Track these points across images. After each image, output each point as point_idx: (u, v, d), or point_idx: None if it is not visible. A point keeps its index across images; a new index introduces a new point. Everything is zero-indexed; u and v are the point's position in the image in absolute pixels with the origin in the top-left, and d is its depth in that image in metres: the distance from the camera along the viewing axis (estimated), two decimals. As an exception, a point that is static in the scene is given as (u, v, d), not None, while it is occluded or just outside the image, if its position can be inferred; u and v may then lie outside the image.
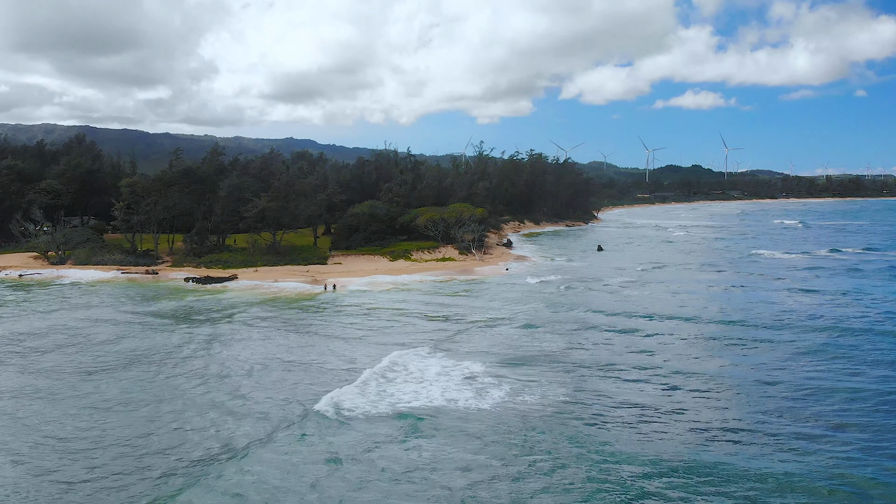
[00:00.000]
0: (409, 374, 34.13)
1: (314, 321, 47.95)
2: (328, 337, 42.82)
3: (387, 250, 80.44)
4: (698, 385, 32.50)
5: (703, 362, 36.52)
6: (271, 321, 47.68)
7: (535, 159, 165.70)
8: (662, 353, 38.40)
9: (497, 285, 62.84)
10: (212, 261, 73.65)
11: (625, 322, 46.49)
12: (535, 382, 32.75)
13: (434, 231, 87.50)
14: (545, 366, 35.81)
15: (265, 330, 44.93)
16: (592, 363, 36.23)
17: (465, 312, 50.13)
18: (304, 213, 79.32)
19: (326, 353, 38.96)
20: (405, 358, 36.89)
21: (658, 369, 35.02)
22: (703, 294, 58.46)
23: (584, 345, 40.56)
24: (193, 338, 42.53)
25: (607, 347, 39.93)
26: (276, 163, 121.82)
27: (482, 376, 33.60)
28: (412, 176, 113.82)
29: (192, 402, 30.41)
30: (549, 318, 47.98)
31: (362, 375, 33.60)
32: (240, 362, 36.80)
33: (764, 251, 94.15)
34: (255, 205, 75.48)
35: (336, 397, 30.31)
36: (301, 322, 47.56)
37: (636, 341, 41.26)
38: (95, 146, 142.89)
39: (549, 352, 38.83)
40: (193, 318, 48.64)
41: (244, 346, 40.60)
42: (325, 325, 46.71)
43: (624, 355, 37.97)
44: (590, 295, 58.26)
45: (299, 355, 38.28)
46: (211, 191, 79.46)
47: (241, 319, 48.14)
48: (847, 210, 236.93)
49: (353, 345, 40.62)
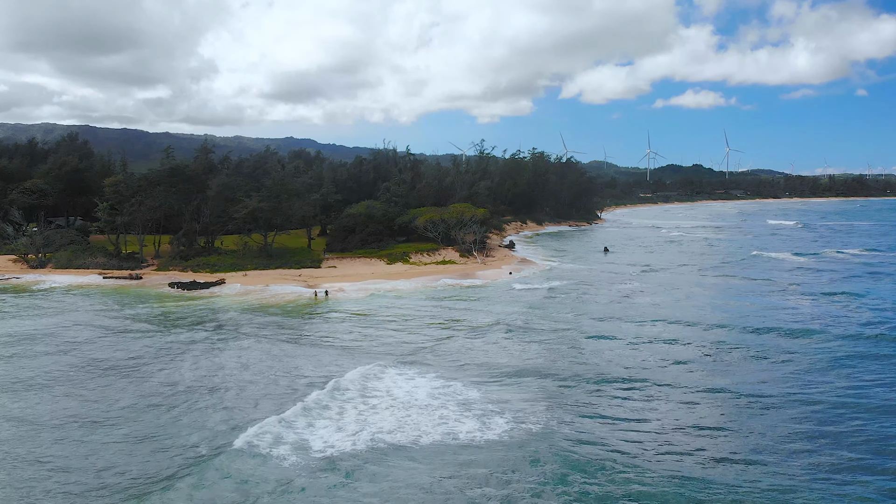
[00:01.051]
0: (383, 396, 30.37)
1: (295, 332, 44.16)
2: (306, 346, 39.07)
3: (384, 253, 76.67)
4: (728, 405, 28.80)
5: (734, 376, 32.79)
6: (247, 332, 43.82)
7: (538, 158, 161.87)
8: (689, 369, 34.68)
9: (500, 291, 59.03)
10: (199, 264, 69.87)
11: (641, 331, 42.73)
12: (538, 410, 29.00)
13: (434, 232, 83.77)
14: (554, 390, 32.05)
15: (237, 341, 41.14)
16: (608, 379, 32.49)
17: (464, 321, 46.35)
18: (298, 214, 75.53)
19: (289, 369, 35.09)
20: (373, 377, 33.04)
21: (686, 387, 31.31)
22: (722, 301, 54.71)
23: (597, 362, 36.80)
24: (149, 351, 38.81)
25: (628, 363, 36.14)
26: (270, 161, 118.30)
27: (479, 402, 29.78)
28: (411, 175, 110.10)
29: (96, 438, 25.98)
30: (562, 330, 44.20)
31: (297, 405, 28.90)
32: (200, 376, 33.18)
33: (774, 253, 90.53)
34: (245, 205, 71.71)
35: (260, 432, 25.83)
36: (282, 332, 43.77)
37: (659, 354, 37.49)
38: (88, 144, 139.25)
39: (563, 375, 35.07)
40: (163, 328, 44.88)
41: (207, 358, 37.01)
42: (302, 336, 42.93)
43: (654, 370, 34.23)
44: (600, 302, 54.46)
45: (256, 372, 34.50)
46: (200, 190, 75.71)
47: (215, 330, 44.37)
48: (852, 210, 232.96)
49: (328, 358, 36.85)
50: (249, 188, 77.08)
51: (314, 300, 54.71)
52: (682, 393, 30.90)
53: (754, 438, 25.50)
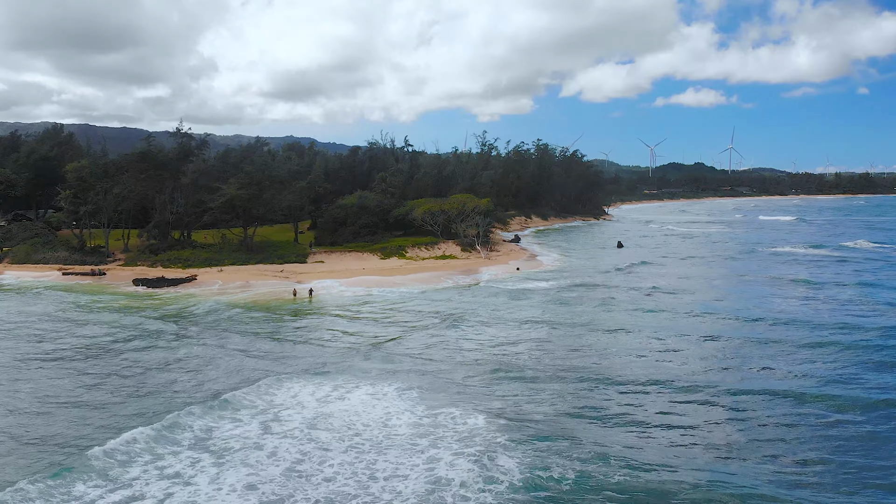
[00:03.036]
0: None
1: (254, 340, 36.87)
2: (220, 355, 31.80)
3: (378, 247, 69.32)
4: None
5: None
6: (192, 339, 36.54)
7: (542, 150, 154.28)
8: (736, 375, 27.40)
9: (509, 291, 51.63)
10: (170, 259, 62.50)
11: (680, 344, 35.44)
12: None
13: (433, 225, 76.49)
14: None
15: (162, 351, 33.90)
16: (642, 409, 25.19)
17: (467, 333, 39.04)
18: (281, 204, 68.12)
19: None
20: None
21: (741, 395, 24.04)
22: (751, 299, 47.42)
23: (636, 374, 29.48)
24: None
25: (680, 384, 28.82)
26: (260, 151, 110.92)
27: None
28: (409, 164, 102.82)
29: None
30: (586, 347, 36.88)
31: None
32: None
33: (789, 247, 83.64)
34: (222, 193, 64.36)
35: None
36: (239, 337, 36.47)
37: (706, 369, 30.20)
38: (74, 138, 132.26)
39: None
40: (90, 335, 37.58)
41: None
42: (249, 349, 35.65)
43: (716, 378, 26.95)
44: (626, 304, 47.09)
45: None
46: (174, 178, 68.36)
47: (150, 339, 37.05)
48: (858, 207, 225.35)
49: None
50: (228, 175, 69.74)
51: (294, 299, 47.34)
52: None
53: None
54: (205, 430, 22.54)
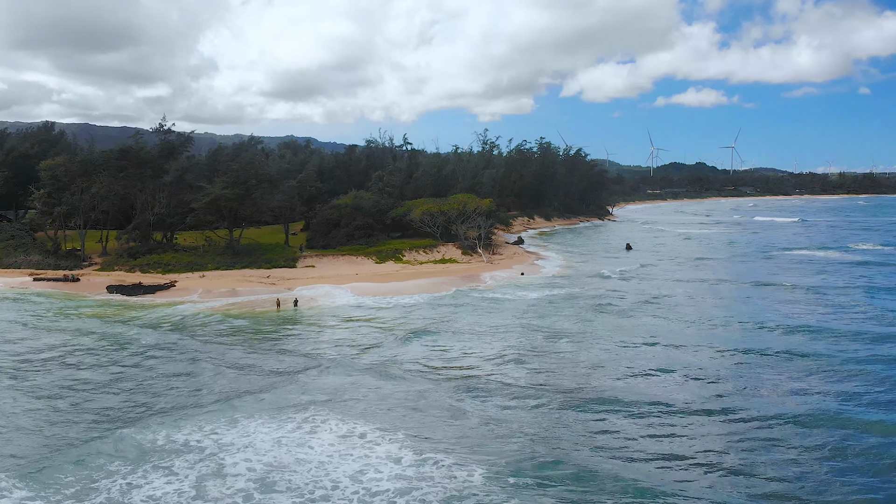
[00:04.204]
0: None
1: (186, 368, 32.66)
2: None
3: (373, 250, 65.05)
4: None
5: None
6: (134, 359, 32.35)
7: (545, 148, 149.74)
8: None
9: (513, 300, 47.37)
10: (150, 263, 58.27)
11: (720, 364, 31.27)
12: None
13: (432, 226, 72.26)
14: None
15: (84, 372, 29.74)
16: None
17: (467, 349, 34.82)
18: (270, 205, 63.86)
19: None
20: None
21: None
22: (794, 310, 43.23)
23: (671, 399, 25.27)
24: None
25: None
26: (252, 149, 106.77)
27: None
28: (407, 163, 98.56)
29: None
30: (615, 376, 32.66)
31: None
32: None
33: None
34: (206, 192, 60.16)
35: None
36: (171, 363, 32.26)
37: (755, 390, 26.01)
38: (64, 136, 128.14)
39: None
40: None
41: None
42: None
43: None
44: (641, 315, 42.88)
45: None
46: (156, 176, 64.14)
47: (102, 354, 32.90)
48: (858, 207, 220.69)
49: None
50: (213, 173, 65.56)
51: (277, 310, 43.06)
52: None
53: None
54: (123, 490, 18.23)
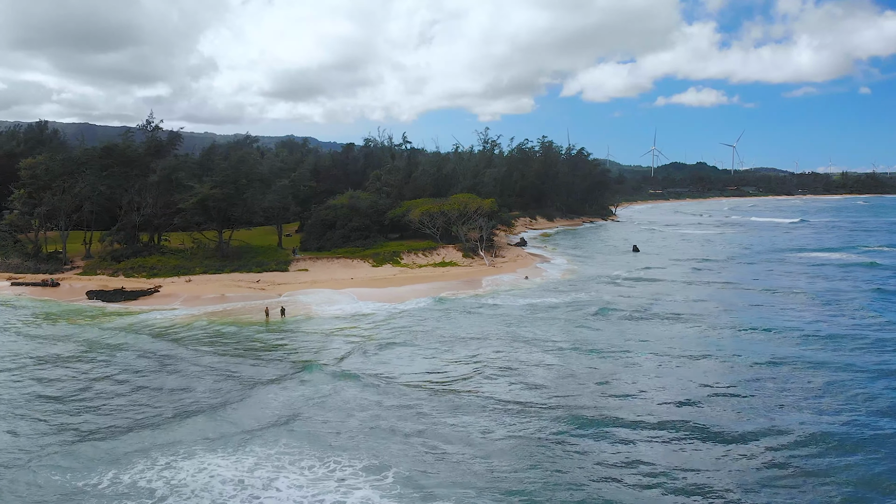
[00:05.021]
0: None
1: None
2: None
3: (369, 252, 62.07)
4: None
5: None
6: (90, 375, 29.38)
7: (547, 147, 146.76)
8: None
9: (518, 308, 44.37)
10: (134, 267, 55.29)
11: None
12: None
13: (431, 228, 69.30)
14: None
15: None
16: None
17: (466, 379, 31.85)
18: (262, 205, 60.85)
19: None
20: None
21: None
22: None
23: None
24: None
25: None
26: (247, 148, 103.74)
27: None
28: (406, 162, 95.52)
29: None
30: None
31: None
32: None
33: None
34: (194, 192, 57.16)
35: None
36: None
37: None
38: (58, 135, 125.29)
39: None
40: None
41: None
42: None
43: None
44: (656, 324, 39.91)
45: None
46: (142, 175, 61.15)
47: (60, 367, 29.95)
48: (859, 207, 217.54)
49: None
50: (206, 173, 62.52)
51: (266, 321, 40.01)
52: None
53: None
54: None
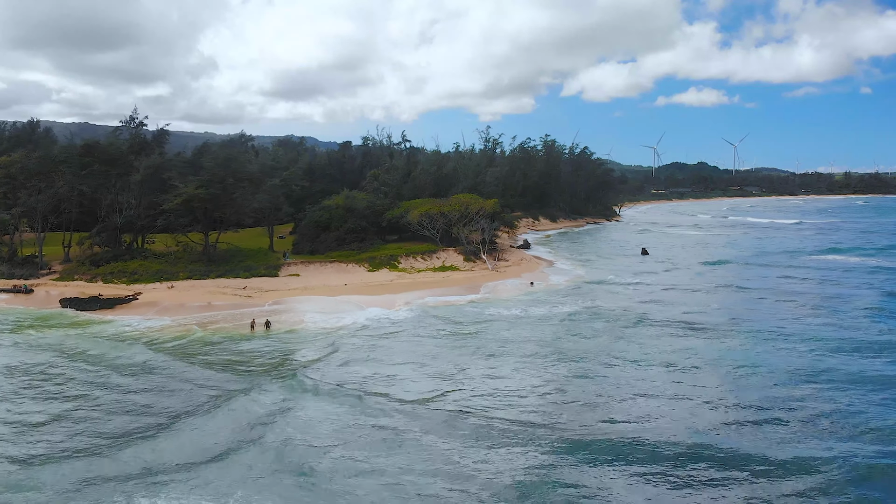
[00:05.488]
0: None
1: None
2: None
3: (365, 256, 58.67)
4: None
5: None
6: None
7: (550, 146, 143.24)
8: None
9: (527, 318, 40.95)
10: (113, 272, 51.88)
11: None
12: None
13: (431, 229, 65.95)
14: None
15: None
16: None
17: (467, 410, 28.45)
18: (251, 206, 57.45)
19: None
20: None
21: None
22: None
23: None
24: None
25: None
26: (241, 147, 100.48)
27: None
28: (405, 161, 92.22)
29: None
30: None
31: None
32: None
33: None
34: (178, 193, 53.78)
35: None
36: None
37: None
38: (50, 133, 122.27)
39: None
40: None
41: None
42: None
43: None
44: (680, 333, 36.51)
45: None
46: (125, 174, 57.78)
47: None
48: (859, 207, 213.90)
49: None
50: (193, 172, 59.16)
51: (251, 333, 36.62)
52: None
53: None
54: None
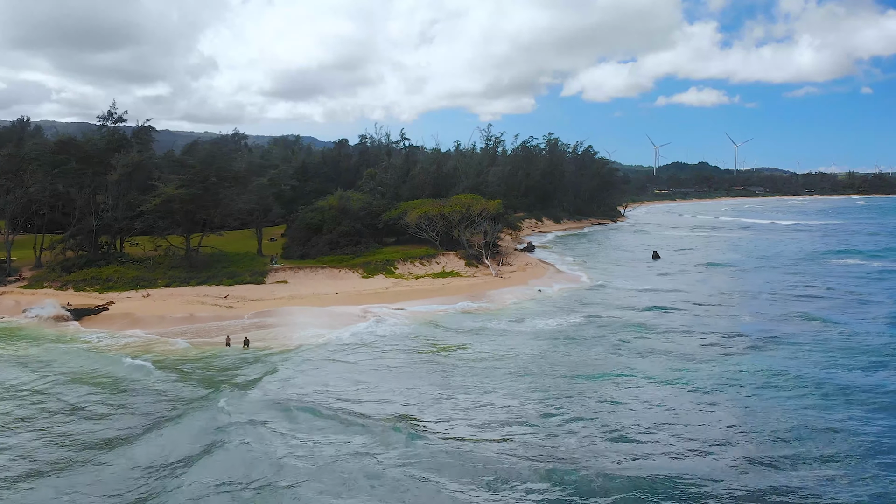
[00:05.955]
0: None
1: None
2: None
3: (360, 261, 54.66)
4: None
5: None
6: None
7: (553, 145, 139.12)
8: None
9: (539, 332, 36.92)
10: (86, 279, 47.86)
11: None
12: None
13: (430, 232, 61.99)
14: None
15: None
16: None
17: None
18: (235, 207, 53.40)
19: None
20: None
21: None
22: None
23: None
24: None
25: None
26: (232, 145, 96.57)
27: None
28: (403, 159, 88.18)
29: None
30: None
31: None
32: None
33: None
34: (158, 193, 49.76)
35: None
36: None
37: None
38: (41, 131, 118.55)
39: None
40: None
41: None
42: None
43: None
44: (712, 352, 32.51)
45: None
46: (102, 173, 53.78)
47: None
48: (858, 208, 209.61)
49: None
50: (174, 170, 55.09)
51: (226, 350, 32.59)
52: None
53: None
54: None
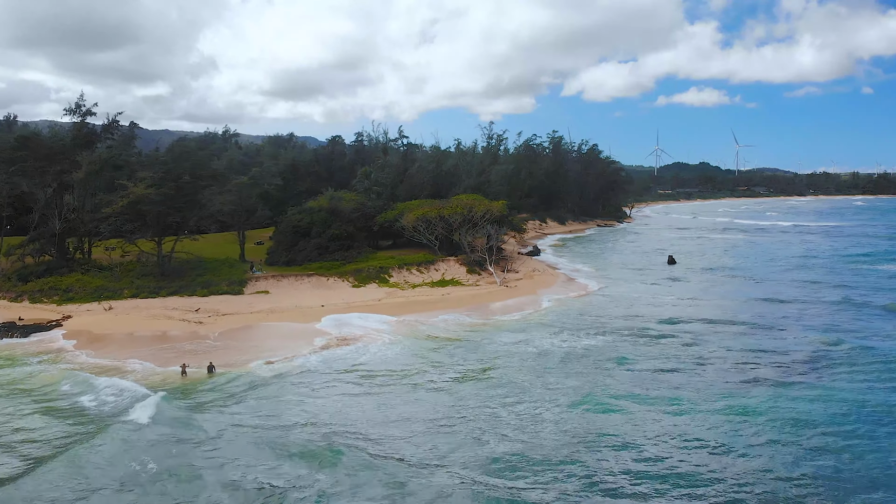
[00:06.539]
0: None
1: None
2: None
3: (351, 268, 49.62)
4: None
5: None
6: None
7: (557, 143, 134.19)
8: None
9: (555, 351, 31.89)
10: (44, 289, 42.87)
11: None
12: None
13: (429, 235, 57.04)
14: None
15: None
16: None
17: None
18: (212, 209, 48.35)
19: None
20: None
21: None
22: None
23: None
24: None
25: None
26: (221, 143, 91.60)
27: None
28: (400, 157, 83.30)
29: None
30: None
31: None
32: None
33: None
34: (124, 194, 44.75)
35: None
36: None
37: None
38: (28, 128, 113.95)
39: None
40: None
41: None
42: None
43: None
44: (764, 378, 27.54)
45: None
46: (66, 171, 48.79)
47: None
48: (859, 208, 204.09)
49: None
50: (151, 168, 50.08)
51: (182, 381, 27.54)
52: None
53: None
54: None
